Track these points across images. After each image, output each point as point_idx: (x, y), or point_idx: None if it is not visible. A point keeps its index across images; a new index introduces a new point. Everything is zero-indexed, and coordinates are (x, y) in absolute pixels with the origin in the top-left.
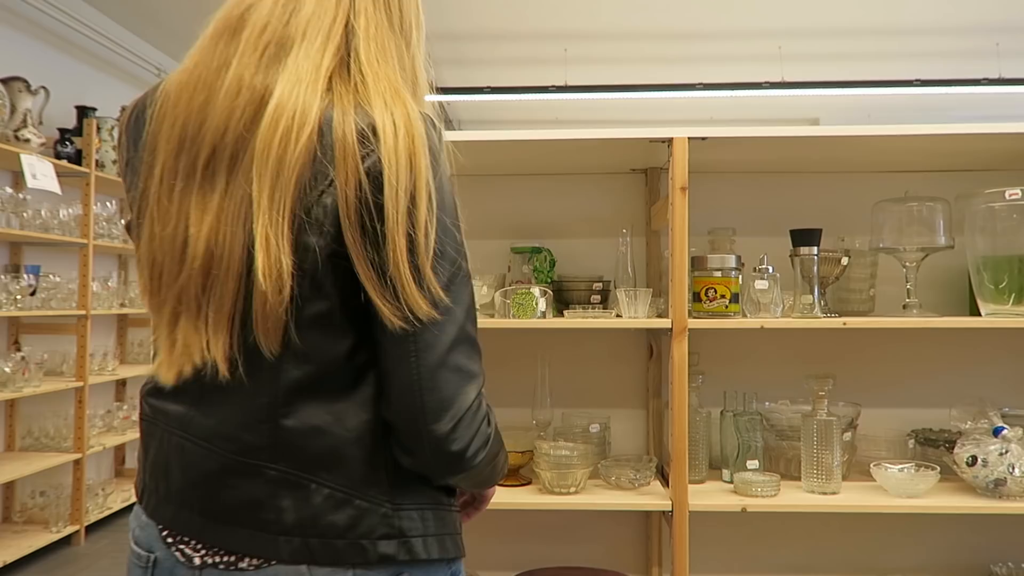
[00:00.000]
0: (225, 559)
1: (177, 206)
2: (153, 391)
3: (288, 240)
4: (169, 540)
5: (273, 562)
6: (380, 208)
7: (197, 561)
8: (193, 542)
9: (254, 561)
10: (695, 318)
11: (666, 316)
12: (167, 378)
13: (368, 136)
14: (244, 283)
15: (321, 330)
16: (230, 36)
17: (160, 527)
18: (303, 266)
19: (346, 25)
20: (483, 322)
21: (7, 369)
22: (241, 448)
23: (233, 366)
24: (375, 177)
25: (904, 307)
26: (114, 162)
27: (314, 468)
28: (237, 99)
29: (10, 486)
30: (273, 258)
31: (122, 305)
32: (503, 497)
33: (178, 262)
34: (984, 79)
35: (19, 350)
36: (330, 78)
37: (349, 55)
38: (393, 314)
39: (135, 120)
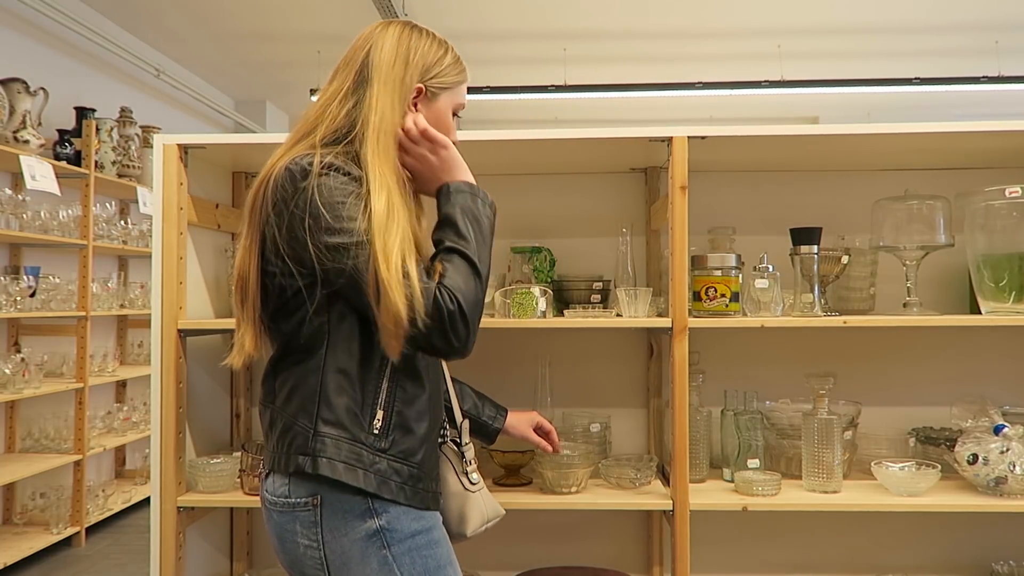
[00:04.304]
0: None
1: None
2: None
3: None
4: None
5: (264, 473)
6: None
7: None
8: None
9: (269, 480)
10: (695, 317)
11: (666, 315)
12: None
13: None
14: None
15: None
16: None
17: None
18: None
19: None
20: (484, 322)
21: (7, 371)
22: (262, 397)
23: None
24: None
25: (904, 305)
26: (114, 163)
27: (283, 406)
28: None
29: (10, 487)
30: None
31: (122, 306)
32: (503, 497)
33: None
34: (983, 77)
35: (19, 351)
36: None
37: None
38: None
39: None
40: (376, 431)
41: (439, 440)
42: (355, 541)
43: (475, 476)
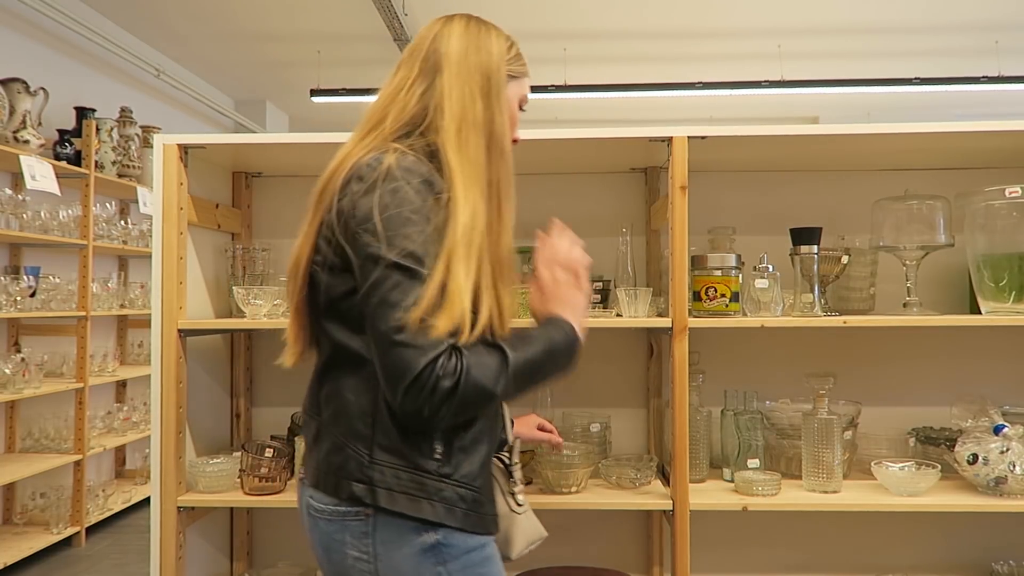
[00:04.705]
0: (304, 481)
1: None
2: None
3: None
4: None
5: (309, 484)
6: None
7: (301, 477)
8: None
9: (312, 491)
10: (695, 317)
11: (666, 315)
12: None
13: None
14: None
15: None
16: None
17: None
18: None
19: None
20: None
21: (7, 371)
22: (307, 405)
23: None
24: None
25: (904, 305)
26: (114, 163)
27: (331, 421)
28: None
29: (11, 487)
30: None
31: (122, 306)
32: None
33: None
34: (984, 77)
35: (19, 351)
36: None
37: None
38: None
39: None
40: (438, 455)
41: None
42: (409, 556)
43: (521, 497)
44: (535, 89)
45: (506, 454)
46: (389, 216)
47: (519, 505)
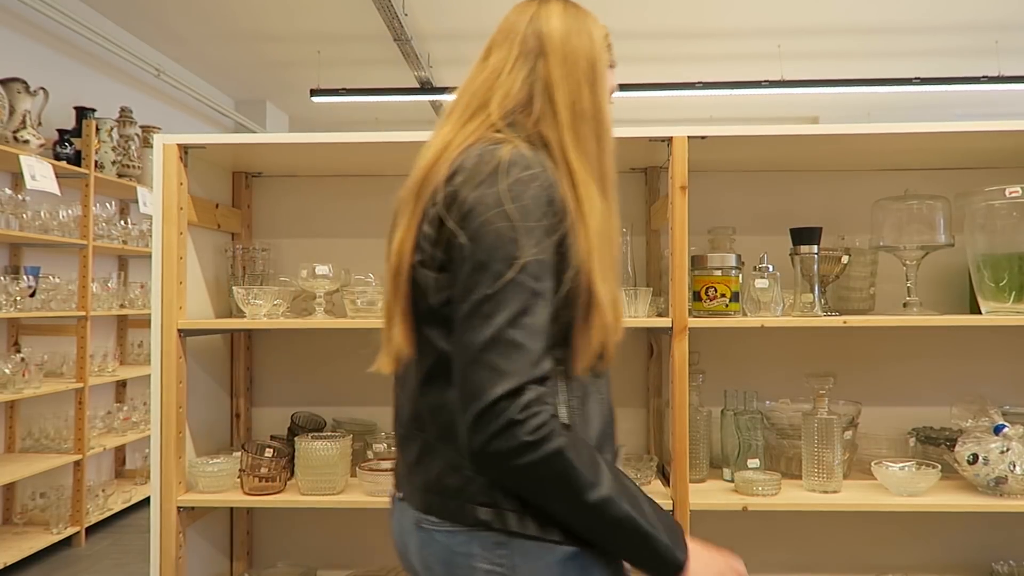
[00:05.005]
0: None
1: None
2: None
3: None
4: (393, 482)
5: (417, 508)
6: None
7: (397, 495)
8: (397, 483)
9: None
10: (695, 317)
11: (666, 315)
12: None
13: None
14: None
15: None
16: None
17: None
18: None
19: None
20: None
21: (7, 370)
22: (405, 418)
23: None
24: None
25: (904, 305)
26: (114, 163)
27: (441, 437)
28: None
29: (10, 487)
30: None
31: (122, 306)
32: None
33: None
34: (983, 77)
35: (19, 351)
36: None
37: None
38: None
39: None
40: None
41: None
42: (552, 564)
43: None
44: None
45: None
46: (504, 214)
47: None
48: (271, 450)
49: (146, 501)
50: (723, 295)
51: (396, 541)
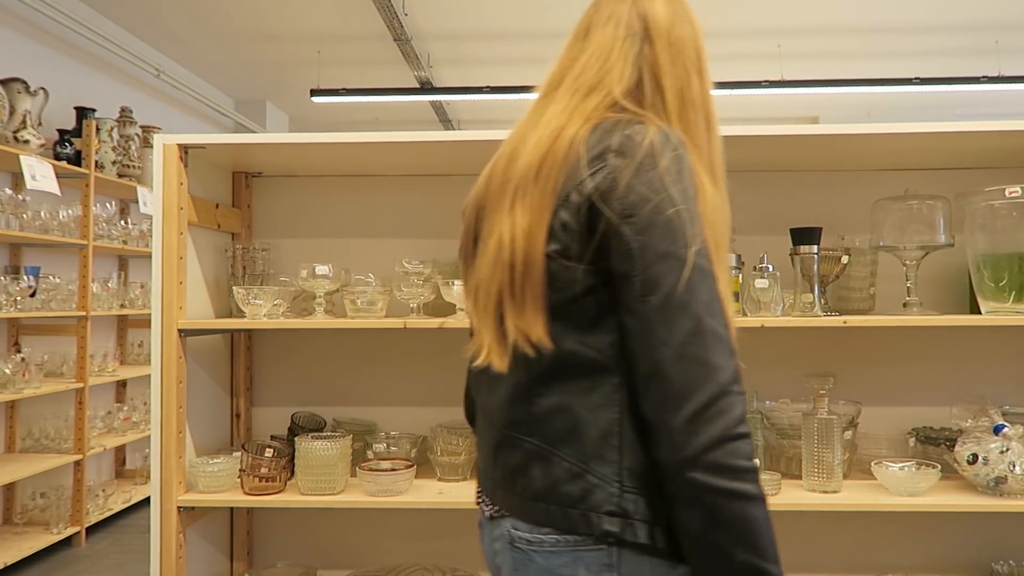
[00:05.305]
0: (498, 514)
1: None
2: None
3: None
4: (478, 496)
5: (520, 518)
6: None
7: (487, 513)
8: (486, 498)
9: (518, 522)
10: None
11: None
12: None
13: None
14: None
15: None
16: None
17: (477, 486)
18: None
19: None
20: None
21: (7, 370)
22: (504, 423)
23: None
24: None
25: (904, 305)
26: (114, 163)
27: (557, 442)
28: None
29: (11, 487)
30: None
31: (122, 306)
32: None
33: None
34: (983, 77)
35: (19, 351)
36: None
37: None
38: (628, 311)
39: None
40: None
41: None
42: None
43: None
44: (534, 89)
45: None
46: (670, 199)
47: None
48: (271, 450)
49: (146, 501)
50: None
51: (488, 563)
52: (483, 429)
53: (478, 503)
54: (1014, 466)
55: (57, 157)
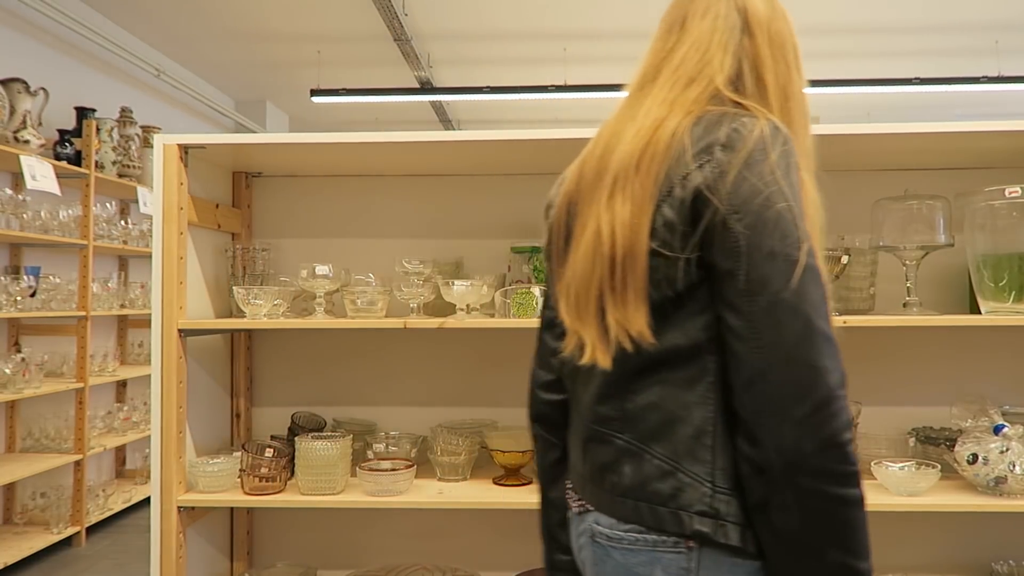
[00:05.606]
0: (584, 509)
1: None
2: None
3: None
4: (568, 491)
5: (605, 511)
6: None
7: (575, 509)
8: (575, 494)
9: (601, 517)
10: None
11: None
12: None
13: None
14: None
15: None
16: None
17: (568, 482)
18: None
19: None
20: (483, 322)
21: (7, 370)
22: (593, 419)
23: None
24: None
25: (904, 305)
26: (114, 163)
27: (649, 439)
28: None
29: (11, 487)
30: None
31: (122, 306)
32: (504, 497)
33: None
34: (984, 77)
35: (19, 351)
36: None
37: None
38: (732, 312)
39: None
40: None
41: None
42: None
43: None
44: (534, 89)
45: None
46: (781, 194)
47: None
48: (271, 450)
49: (146, 501)
50: None
51: (576, 557)
52: (575, 424)
53: (568, 498)
54: (1014, 466)
55: (57, 157)
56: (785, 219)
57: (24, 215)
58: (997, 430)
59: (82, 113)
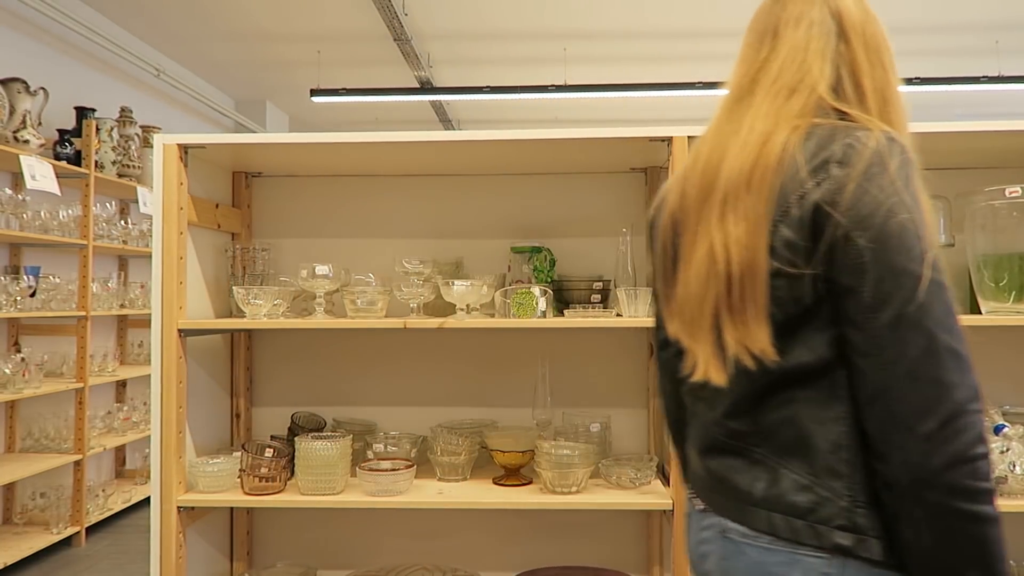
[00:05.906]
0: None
1: None
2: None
3: None
4: (689, 491)
5: (733, 519)
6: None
7: (698, 507)
8: (697, 498)
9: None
10: None
11: None
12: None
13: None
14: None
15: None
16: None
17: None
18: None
19: None
20: (483, 322)
21: (7, 370)
22: (731, 433)
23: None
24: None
25: None
26: (114, 163)
27: (784, 454)
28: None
29: (11, 487)
30: None
31: (122, 306)
32: (504, 497)
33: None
34: (984, 77)
35: (19, 351)
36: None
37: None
38: (855, 329)
39: None
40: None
41: None
42: None
43: None
44: (534, 89)
45: None
46: (903, 205)
47: None
48: (271, 450)
49: (146, 501)
50: None
51: (691, 551)
52: (695, 435)
53: (689, 498)
54: (1014, 466)
55: (57, 157)
56: (908, 231)
57: (24, 215)
58: (997, 430)
59: (82, 113)
